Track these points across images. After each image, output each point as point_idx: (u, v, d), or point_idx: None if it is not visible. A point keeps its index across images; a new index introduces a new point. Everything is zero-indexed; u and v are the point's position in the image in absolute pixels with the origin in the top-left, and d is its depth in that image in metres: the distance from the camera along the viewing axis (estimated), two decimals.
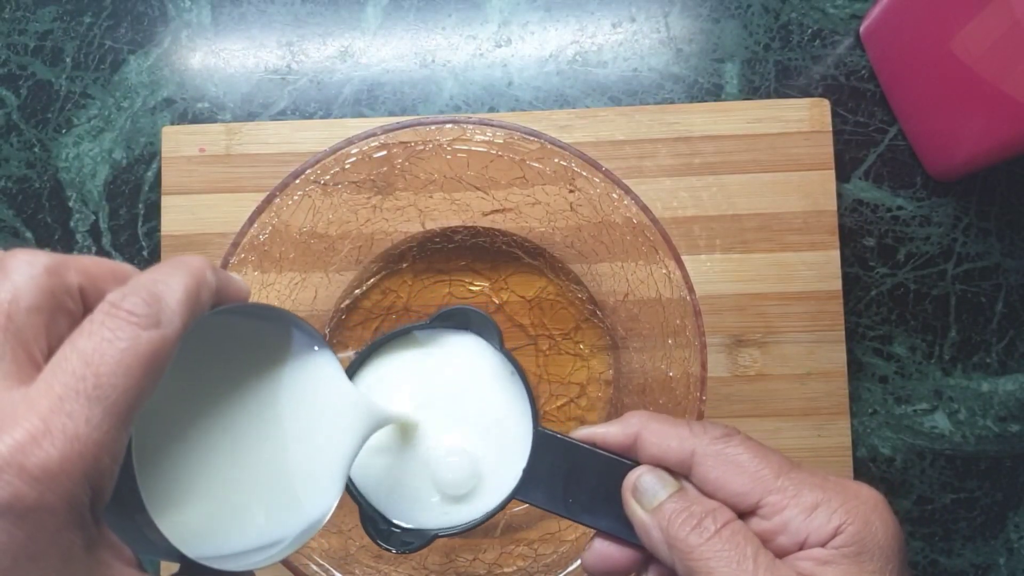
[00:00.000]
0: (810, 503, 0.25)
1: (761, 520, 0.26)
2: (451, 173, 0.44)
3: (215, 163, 0.50)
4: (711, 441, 0.27)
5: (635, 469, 0.28)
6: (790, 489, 0.26)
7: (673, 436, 0.27)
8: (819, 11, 0.52)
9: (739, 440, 0.27)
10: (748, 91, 0.51)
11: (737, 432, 0.28)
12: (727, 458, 0.27)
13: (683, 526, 0.26)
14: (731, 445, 0.27)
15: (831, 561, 0.25)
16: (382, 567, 0.42)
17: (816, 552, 0.25)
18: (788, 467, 0.27)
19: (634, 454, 0.29)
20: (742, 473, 0.26)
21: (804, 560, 0.25)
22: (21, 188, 0.53)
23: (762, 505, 0.26)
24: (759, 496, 0.26)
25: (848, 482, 0.26)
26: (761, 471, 0.26)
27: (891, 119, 0.51)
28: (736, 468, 0.26)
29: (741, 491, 0.26)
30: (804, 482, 0.26)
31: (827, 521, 0.25)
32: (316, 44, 0.53)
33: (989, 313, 0.50)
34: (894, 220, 0.50)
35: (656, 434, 0.28)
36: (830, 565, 0.25)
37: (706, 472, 0.27)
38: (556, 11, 0.52)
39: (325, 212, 0.43)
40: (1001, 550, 0.49)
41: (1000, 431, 0.49)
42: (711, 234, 0.48)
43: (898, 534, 0.25)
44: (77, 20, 0.53)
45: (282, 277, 0.44)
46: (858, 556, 0.25)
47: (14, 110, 0.53)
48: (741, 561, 0.25)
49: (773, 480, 0.26)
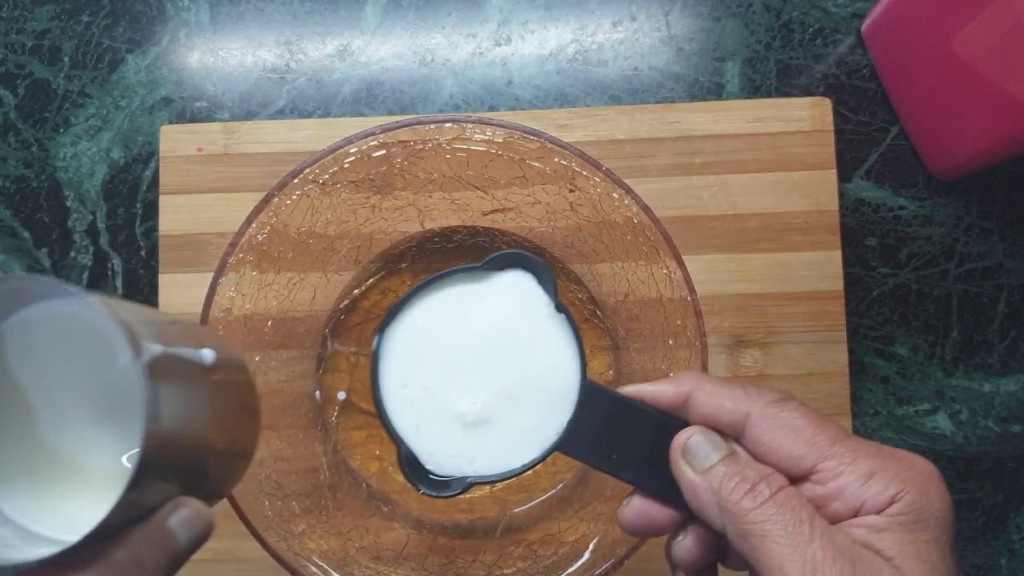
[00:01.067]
0: (866, 471, 0.25)
1: (815, 486, 0.26)
2: (450, 172, 0.43)
3: (213, 162, 0.50)
4: (767, 404, 0.27)
5: (685, 429, 0.28)
6: (846, 456, 0.26)
7: (728, 397, 0.27)
8: (820, 10, 0.51)
9: (795, 405, 0.27)
10: (749, 90, 0.51)
11: (793, 397, 0.27)
12: (783, 421, 0.26)
13: (736, 490, 0.26)
14: (787, 409, 0.27)
15: (886, 529, 0.25)
16: (381, 568, 0.42)
17: (871, 519, 0.25)
18: (844, 435, 0.26)
19: (684, 413, 0.28)
20: (797, 437, 0.26)
21: (858, 527, 0.25)
22: (19, 188, 0.52)
23: (817, 470, 0.26)
24: (814, 461, 0.26)
25: (903, 452, 0.26)
26: (817, 436, 0.26)
27: (893, 118, 0.51)
28: (792, 432, 0.26)
29: (796, 455, 0.26)
30: (860, 450, 0.26)
31: (884, 489, 0.25)
32: (315, 43, 0.52)
33: (991, 313, 0.50)
34: (896, 220, 0.50)
35: (710, 394, 0.27)
36: (885, 532, 0.25)
37: (760, 434, 0.26)
38: (556, 9, 0.52)
39: (324, 212, 0.43)
40: (1002, 551, 0.49)
41: (1002, 432, 0.49)
42: (712, 234, 0.48)
43: (951, 507, 0.25)
44: (75, 19, 0.53)
45: (280, 277, 0.44)
46: (914, 525, 0.25)
47: (11, 109, 0.53)
48: (797, 525, 0.25)
49: (829, 446, 0.26)
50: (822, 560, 0.24)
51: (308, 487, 0.44)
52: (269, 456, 0.43)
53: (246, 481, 0.40)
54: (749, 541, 0.25)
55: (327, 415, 0.49)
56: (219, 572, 0.48)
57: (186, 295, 0.49)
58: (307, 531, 0.41)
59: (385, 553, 0.44)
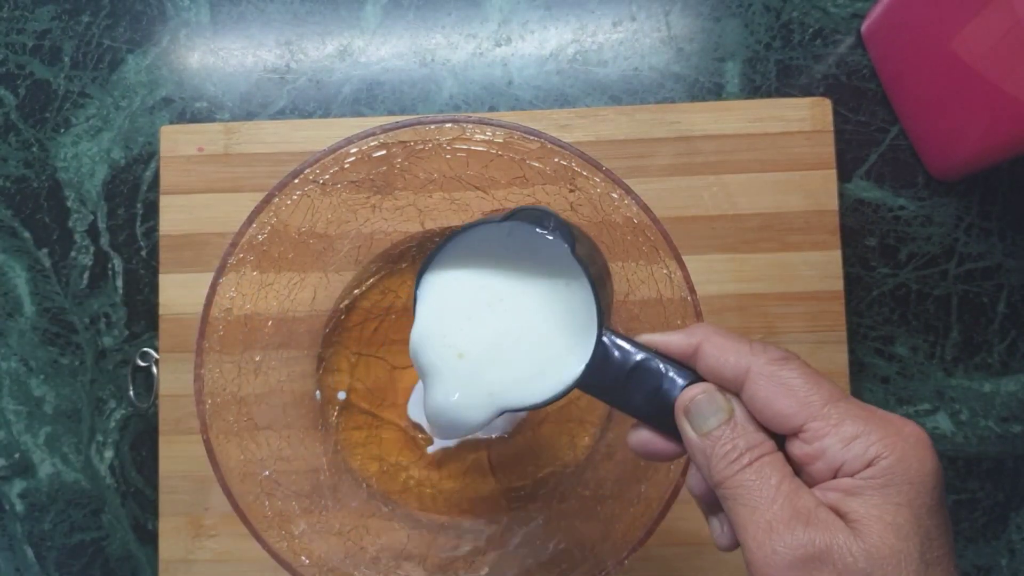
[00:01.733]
0: (850, 433, 0.26)
1: (802, 444, 0.27)
2: (451, 173, 0.43)
3: (213, 162, 0.50)
4: (768, 361, 0.28)
5: (691, 387, 0.29)
6: (834, 417, 0.26)
7: (732, 351, 0.28)
8: (820, 10, 0.51)
9: (795, 364, 0.28)
10: (749, 90, 0.51)
11: (796, 357, 0.28)
12: (779, 380, 0.27)
13: (725, 457, 0.27)
14: (786, 368, 0.27)
15: (857, 492, 0.25)
16: (381, 568, 0.42)
17: (845, 482, 0.26)
18: (838, 396, 0.27)
19: (694, 363, 0.29)
20: (790, 396, 0.27)
21: (833, 490, 0.26)
22: (19, 188, 0.52)
23: (805, 429, 0.27)
24: (803, 420, 0.27)
25: (894, 417, 0.27)
26: (810, 396, 0.27)
27: (892, 118, 0.51)
28: (786, 390, 0.27)
29: (786, 413, 0.27)
30: (849, 412, 0.26)
31: (863, 452, 0.26)
32: (315, 43, 0.52)
33: (991, 313, 0.50)
34: (896, 220, 0.50)
35: (717, 347, 0.29)
36: (856, 496, 0.25)
37: (756, 390, 0.27)
38: (556, 10, 0.52)
39: (324, 212, 0.43)
40: (1003, 551, 0.49)
41: (1002, 432, 0.49)
42: (712, 234, 0.48)
43: (935, 472, 0.26)
44: (75, 19, 0.53)
45: (281, 277, 0.44)
46: (885, 488, 0.25)
47: (12, 109, 0.53)
48: (764, 489, 0.26)
49: (820, 407, 0.26)
50: (778, 521, 0.26)
51: (308, 487, 0.44)
52: (269, 456, 0.43)
53: (246, 481, 0.40)
54: (726, 503, 0.27)
55: (327, 415, 0.49)
56: (219, 572, 0.48)
57: (186, 295, 0.49)
58: (307, 531, 0.41)
59: (385, 553, 0.44)
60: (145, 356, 0.51)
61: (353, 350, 0.49)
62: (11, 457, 0.52)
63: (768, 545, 0.25)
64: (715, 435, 0.28)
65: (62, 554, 0.51)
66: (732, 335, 0.29)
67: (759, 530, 0.26)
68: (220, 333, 0.40)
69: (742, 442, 0.27)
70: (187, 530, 0.48)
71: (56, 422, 0.52)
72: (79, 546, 0.51)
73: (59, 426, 0.52)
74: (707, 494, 0.30)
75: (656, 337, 0.30)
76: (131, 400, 0.51)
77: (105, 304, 0.52)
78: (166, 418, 0.49)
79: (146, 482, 0.51)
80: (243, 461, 0.40)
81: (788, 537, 0.25)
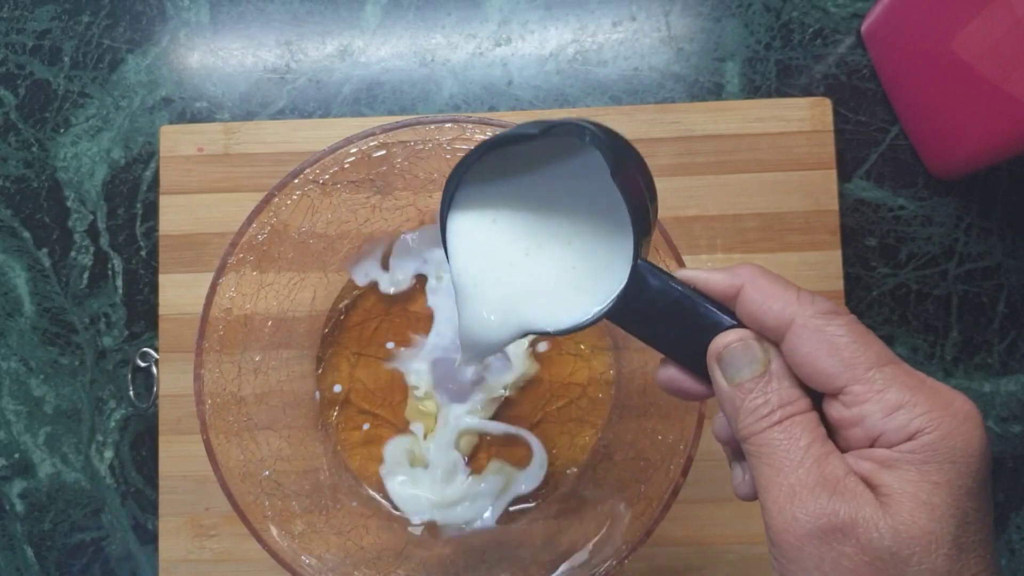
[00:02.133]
0: (894, 402, 0.24)
1: (841, 407, 0.25)
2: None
3: (213, 162, 0.50)
4: (815, 314, 0.25)
5: (726, 333, 0.27)
6: (878, 383, 0.24)
7: (777, 298, 0.26)
8: (820, 10, 0.51)
9: (844, 320, 0.25)
10: (749, 90, 0.51)
11: (846, 312, 0.26)
12: (825, 336, 0.25)
13: (755, 412, 0.26)
14: (833, 323, 0.25)
15: (894, 465, 0.24)
16: (381, 568, 0.42)
17: (881, 453, 0.24)
18: (886, 360, 0.25)
19: (734, 305, 0.27)
20: (834, 354, 0.25)
21: (867, 460, 0.25)
22: (19, 188, 0.52)
23: (846, 392, 0.25)
24: (845, 382, 0.25)
25: (944, 388, 0.25)
26: (856, 357, 0.25)
27: (892, 118, 0.51)
28: (830, 348, 0.25)
29: (828, 372, 0.25)
30: (896, 379, 0.25)
31: (906, 423, 0.24)
32: (315, 43, 0.52)
33: (991, 313, 0.50)
34: (895, 220, 0.50)
35: (761, 291, 0.26)
36: (892, 469, 0.24)
37: (798, 344, 0.25)
38: (556, 10, 0.52)
39: (324, 212, 0.43)
40: (1003, 551, 0.49)
41: (1002, 432, 0.49)
42: (712, 234, 0.48)
43: (981, 453, 0.24)
44: (75, 19, 0.53)
45: (281, 277, 0.44)
46: (924, 464, 0.24)
47: (12, 109, 0.53)
48: (791, 451, 0.25)
49: (865, 369, 0.25)
50: (802, 486, 0.24)
51: (308, 487, 0.44)
52: (269, 456, 0.43)
53: (246, 481, 0.40)
54: (750, 460, 0.26)
55: (327, 415, 0.49)
56: (219, 572, 0.48)
57: (186, 295, 0.49)
58: (307, 531, 0.41)
59: (385, 553, 0.44)
60: (145, 356, 0.51)
61: (353, 350, 0.49)
62: (11, 457, 0.52)
63: (789, 511, 0.24)
64: (747, 387, 0.26)
65: (62, 554, 0.51)
66: (779, 280, 0.27)
67: (781, 494, 0.24)
68: (220, 333, 0.40)
69: (775, 398, 0.26)
70: (187, 530, 0.48)
71: (56, 422, 0.52)
72: (79, 546, 0.51)
73: (59, 426, 0.52)
74: (732, 440, 0.28)
75: (697, 274, 0.28)
76: (131, 400, 0.51)
77: (105, 304, 0.52)
78: (166, 418, 0.49)
79: (146, 482, 0.51)
80: (243, 461, 0.40)
81: (811, 504, 0.24)
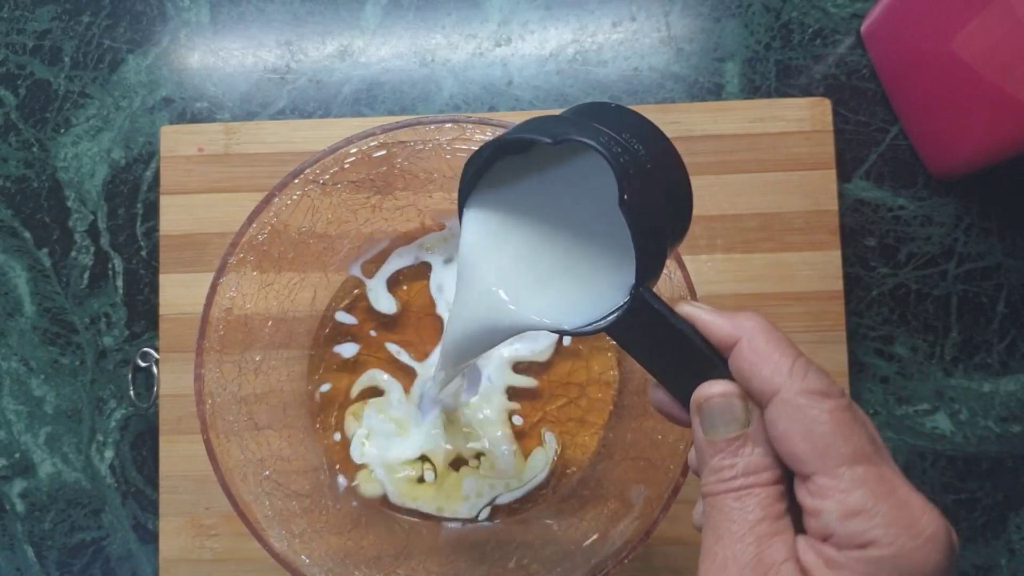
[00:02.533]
0: (854, 507, 0.23)
1: (807, 494, 0.24)
2: (451, 172, 0.43)
3: (214, 163, 0.50)
4: (800, 391, 0.24)
5: (711, 384, 0.26)
6: (845, 482, 0.23)
7: (769, 364, 0.25)
8: (820, 10, 0.51)
9: (831, 405, 0.24)
10: (749, 90, 0.51)
11: (837, 396, 0.24)
12: (804, 417, 0.24)
13: (717, 472, 0.25)
14: (817, 406, 0.24)
15: (837, 568, 0.23)
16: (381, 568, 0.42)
17: (829, 551, 0.23)
18: (862, 458, 0.23)
19: (728, 355, 0.26)
20: (808, 440, 0.24)
21: (815, 553, 0.24)
22: (19, 188, 0.53)
23: (812, 481, 0.24)
24: (813, 471, 0.24)
25: (917, 503, 0.23)
26: (830, 448, 0.23)
27: (892, 118, 0.51)
28: (806, 432, 0.24)
29: (798, 456, 0.24)
30: (864, 482, 0.23)
31: (860, 532, 0.23)
32: (315, 43, 0.52)
33: (990, 313, 0.50)
34: (895, 220, 0.50)
35: (755, 352, 0.25)
36: (834, 571, 0.23)
37: (777, 419, 0.24)
38: (556, 10, 0.52)
39: (324, 212, 0.43)
40: (1003, 551, 0.49)
41: (1002, 432, 0.49)
42: (712, 234, 0.48)
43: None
44: (76, 19, 0.53)
45: (281, 277, 0.44)
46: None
47: (12, 109, 0.53)
48: (738, 522, 0.24)
49: (835, 464, 0.23)
50: (735, 562, 0.24)
51: (308, 487, 0.44)
52: (269, 456, 0.43)
53: (246, 481, 0.40)
54: (704, 516, 0.26)
55: (327, 415, 0.49)
56: (219, 572, 0.48)
57: (187, 295, 0.49)
58: (307, 531, 0.41)
59: (385, 553, 0.44)
60: (145, 356, 0.51)
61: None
62: (11, 457, 0.52)
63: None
64: (719, 445, 0.26)
65: (62, 554, 0.51)
66: (779, 341, 0.25)
67: (715, 564, 0.24)
68: (220, 333, 0.40)
69: (742, 464, 0.25)
70: (187, 530, 0.48)
71: (56, 422, 0.52)
72: (79, 546, 0.51)
73: (59, 426, 0.52)
74: None
75: (699, 313, 0.27)
76: (131, 400, 0.51)
77: (105, 304, 0.52)
78: (166, 418, 0.49)
79: (146, 482, 0.51)
80: (243, 461, 0.40)
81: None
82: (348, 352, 0.48)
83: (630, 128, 0.28)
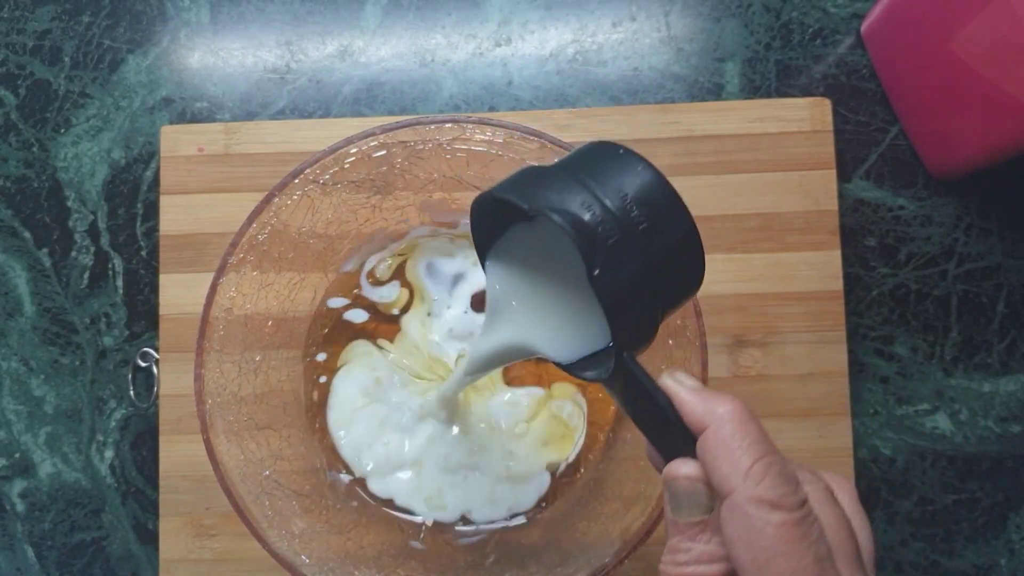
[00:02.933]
0: None
1: None
2: (451, 173, 0.43)
3: (214, 163, 0.50)
4: (750, 499, 0.23)
5: (681, 464, 0.26)
6: None
7: (728, 461, 0.24)
8: (820, 10, 0.51)
9: (779, 519, 0.23)
10: (749, 90, 0.51)
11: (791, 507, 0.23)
12: (750, 527, 0.23)
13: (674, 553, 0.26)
14: (763, 517, 0.23)
15: None
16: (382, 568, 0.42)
17: None
18: None
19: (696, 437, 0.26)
20: (750, 551, 0.23)
21: None
22: (19, 188, 0.53)
23: None
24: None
25: None
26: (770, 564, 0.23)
27: (892, 118, 0.51)
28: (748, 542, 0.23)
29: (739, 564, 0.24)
30: None
31: None
32: (315, 43, 0.52)
33: (990, 313, 0.50)
34: (895, 220, 0.50)
35: (719, 445, 0.25)
36: None
37: (725, 521, 0.24)
38: (556, 10, 0.52)
39: (324, 212, 0.43)
40: (1002, 551, 0.49)
41: (1001, 432, 0.49)
42: (712, 234, 0.48)
43: None
44: (76, 19, 0.53)
45: (281, 277, 0.44)
46: None
47: (12, 109, 0.53)
48: None
49: None
50: None
51: (308, 487, 0.44)
52: (269, 456, 0.43)
53: (246, 481, 0.40)
54: None
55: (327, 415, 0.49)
56: (219, 572, 0.48)
57: (187, 295, 0.49)
58: (307, 531, 0.41)
59: (386, 553, 0.44)
60: (145, 356, 0.51)
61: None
62: (11, 457, 0.52)
63: None
64: (680, 526, 0.25)
65: (62, 554, 0.51)
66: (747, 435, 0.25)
67: None
68: (220, 333, 0.40)
69: (697, 551, 0.25)
70: (187, 530, 0.48)
71: (56, 422, 0.52)
72: (79, 546, 0.51)
73: (59, 426, 0.52)
74: None
75: (676, 388, 0.27)
76: (131, 400, 0.51)
77: (105, 304, 0.52)
78: (166, 418, 0.49)
79: (146, 482, 0.51)
80: (243, 461, 0.41)
81: None
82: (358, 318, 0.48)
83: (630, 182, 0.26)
